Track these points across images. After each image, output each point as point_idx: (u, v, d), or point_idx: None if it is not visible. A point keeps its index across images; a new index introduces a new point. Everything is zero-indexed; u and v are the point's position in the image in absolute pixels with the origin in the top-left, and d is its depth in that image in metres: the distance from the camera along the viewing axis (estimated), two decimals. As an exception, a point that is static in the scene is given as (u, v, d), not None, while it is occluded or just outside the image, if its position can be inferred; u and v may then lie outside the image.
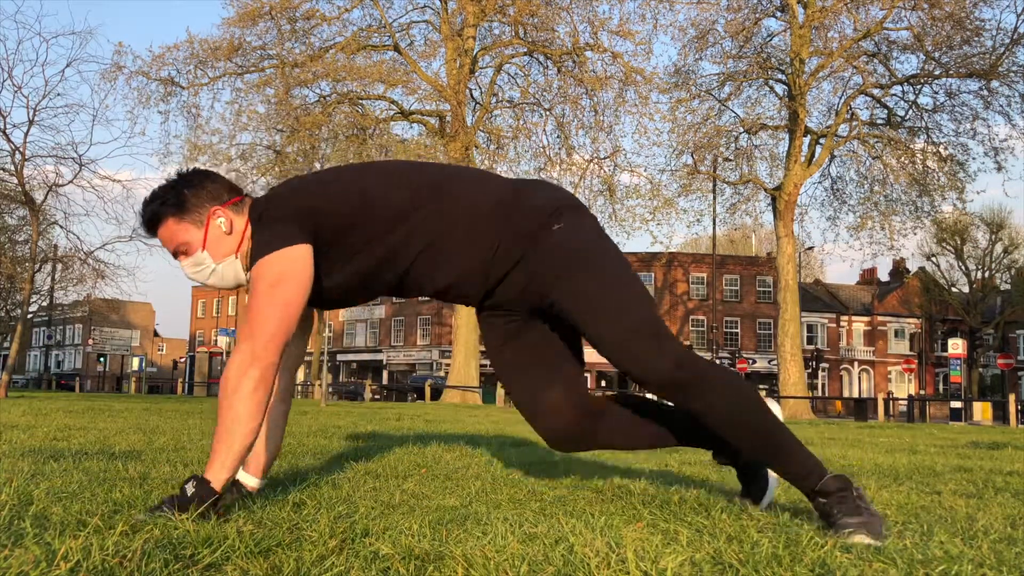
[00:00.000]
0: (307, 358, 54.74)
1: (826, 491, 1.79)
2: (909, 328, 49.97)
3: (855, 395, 44.67)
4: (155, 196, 1.91)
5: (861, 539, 1.63)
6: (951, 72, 21.59)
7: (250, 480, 2.05)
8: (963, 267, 47.39)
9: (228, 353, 51.26)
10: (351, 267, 1.91)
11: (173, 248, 1.92)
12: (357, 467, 2.82)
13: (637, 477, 2.75)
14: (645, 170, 27.69)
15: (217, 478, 1.71)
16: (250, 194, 2.01)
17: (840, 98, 23.36)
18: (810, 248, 30.82)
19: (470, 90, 23.64)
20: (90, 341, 51.19)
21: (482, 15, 22.21)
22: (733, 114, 23.92)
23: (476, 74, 23.66)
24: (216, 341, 54.11)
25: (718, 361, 34.63)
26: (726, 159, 23.99)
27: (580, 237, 1.91)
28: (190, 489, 1.68)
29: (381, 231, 1.88)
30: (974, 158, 23.16)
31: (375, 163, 2.00)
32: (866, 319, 50.02)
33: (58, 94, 41.74)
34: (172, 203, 1.89)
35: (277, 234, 1.81)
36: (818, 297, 50.17)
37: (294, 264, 1.79)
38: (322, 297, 1.95)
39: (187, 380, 37.22)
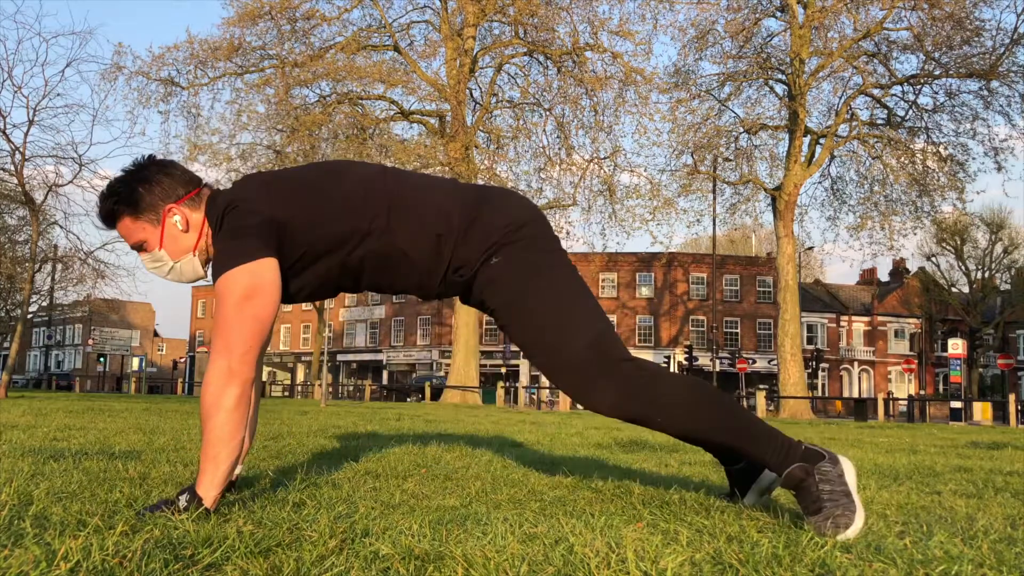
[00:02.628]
0: (307, 358, 54.74)
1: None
2: (909, 328, 49.98)
3: (855, 395, 44.66)
4: (111, 192, 1.87)
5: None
6: (951, 72, 21.59)
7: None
8: (963, 267, 47.40)
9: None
10: (310, 272, 1.89)
11: (132, 244, 1.91)
12: (357, 467, 2.81)
13: (637, 477, 2.75)
14: (645, 170, 27.64)
15: (208, 495, 1.72)
16: (208, 184, 1.97)
17: (840, 98, 23.37)
18: (810, 248, 30.80)
19: (470, 90, 23.64)
20: (90, 341, 51.14)
21: (482, 15, 22.22)
22: (733, 114, 23.93)
23: (476, 74, 23.66)
24: (216, 341, 53.92)
25: (718, 362, 34.50)
26: (726, 159, 23.99)
27: (522, 267, 1.88)
28: (183, 502, 1.69)
29: (336, 244, 1.86)
30: (974, 158, 23.17)
31: (341, 170, 1.93)
32: (866, 319, 50.02)
33: (58, 94, 41.86)
34: (126, 201, 1.86)
35: (241, 247, 1.76)
36: (818, 297, 50.18)
37: (262, 277, 1.76)
38: (288, 294, 1.93)
39: (187, 380, 37.22)
